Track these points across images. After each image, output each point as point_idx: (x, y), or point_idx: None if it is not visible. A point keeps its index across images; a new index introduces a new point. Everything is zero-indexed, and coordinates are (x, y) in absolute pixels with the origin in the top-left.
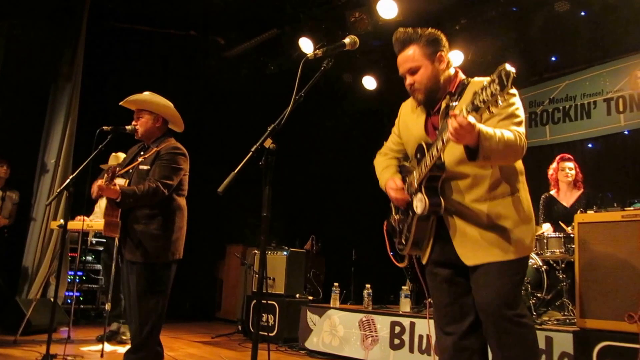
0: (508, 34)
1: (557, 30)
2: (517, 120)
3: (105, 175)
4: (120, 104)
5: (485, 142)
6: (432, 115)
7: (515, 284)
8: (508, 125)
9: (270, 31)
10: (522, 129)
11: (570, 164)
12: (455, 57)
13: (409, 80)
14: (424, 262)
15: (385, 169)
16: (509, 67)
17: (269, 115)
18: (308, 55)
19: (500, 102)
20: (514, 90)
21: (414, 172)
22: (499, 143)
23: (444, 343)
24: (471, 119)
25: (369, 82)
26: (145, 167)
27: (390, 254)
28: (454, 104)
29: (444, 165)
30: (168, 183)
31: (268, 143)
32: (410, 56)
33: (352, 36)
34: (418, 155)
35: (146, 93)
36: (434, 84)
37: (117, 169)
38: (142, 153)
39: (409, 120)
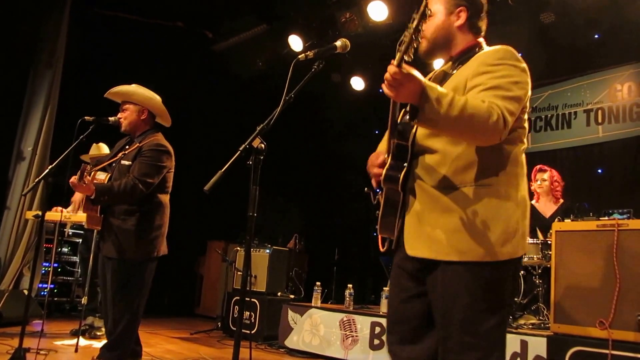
0: (494, 41)
1: (542, 41)
2: (505, 94)
3: (79, 172)
4: (104, 95)
5: (427, 101)
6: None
7: (480, 299)
8: (489, 96)
9: (259, 27)
10: (510, 105)
11: (545, 175)
12: (441, 62)
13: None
14: (393, 247)
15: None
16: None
17: (255, 111)
18: (299, 57)
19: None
20: (515, 62)
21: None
22: (453, 108)
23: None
24: (410, 69)
25: (357, 83)
26: (126, 163)
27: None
28: (453, 71)
29: (405, 133)
30: (148, 181)
31: (256, 143)
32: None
33: (344, 39)
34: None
35: (132, 85)
36: (442, 37)
37: (89, 167)
38: (127, 147)
39: None
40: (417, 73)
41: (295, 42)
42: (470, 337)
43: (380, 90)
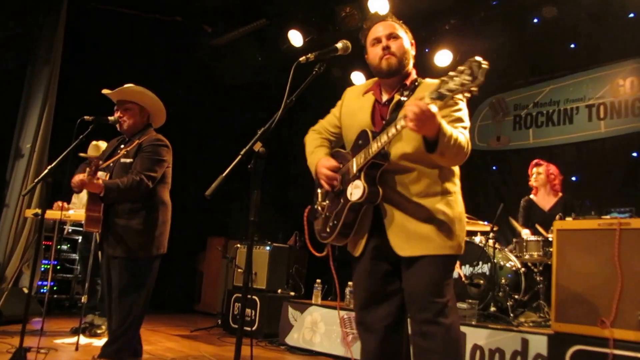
0: (496, 36)
1: (544, 35)
2: (465, 125)
3: (88, 169)
4: (109, 93)
5: (444, 136)
6: (382, 106)
7: (447, 278)
8: (457, 128)
9: (259, 21)
10: (468, 135)
11: (540, 169)
12: (444, 57)
13: (385, 43)
14: (356, 254)
15: (318, 147)
16: (480, 59)
17: (254, 106)
18: (300, 60)
19: (467, 93)
20: (460, 96)
21: (354, 158)
22: (455, 141)
23: (368, 344)
24: (434, 107)
25: (358, 78)
26: (127, 160)
27: (309, 242)
28: (403, 99)
29: (388, 155)
30: (152, 175)
31: (257, 147)
32: (393, 26)
33: (345, 41)
34: (360, 142)
35: (130, 85)
36: (405, 59)
37: (100, 162)
38: (122, 146)
39: (355, 106)
40: (435, 109)
41: (295, 37)
42: (438, 297)
43: None
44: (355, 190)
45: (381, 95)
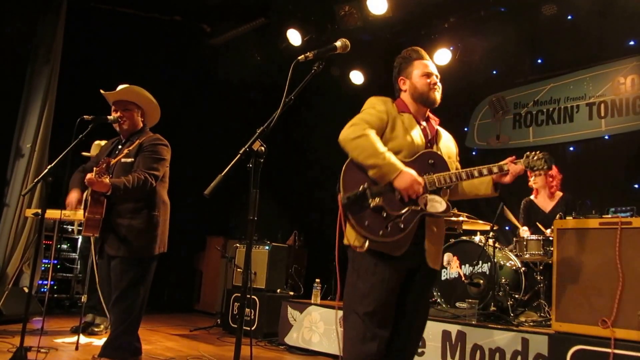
0: (496, 34)
1: (544, 33)
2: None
3: (96, 168)
4: (108, 94)
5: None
6: (426, 133)
7: None
8: None
9: (257, 20)
10: None
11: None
12: (443, 56)
13: (436, 80)
14: (397, 254)
15: (389, 152)
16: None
17: (253, 105)
18: (299, 58)
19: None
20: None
21: (434, 175)
22: None
23: (370, 347)
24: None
25: (357, 77)
26: (128, 160)
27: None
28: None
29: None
30: (155, 174)
31: (256, 146)
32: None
33: (344, 39)
34: (431, 161)
35: (127, 85)
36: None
37: (111, 160)
38: (120, 147)
39: (405, 123)
40: None
41: (294, 36)
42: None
43: None
44: (439, 204)
45: (419, 122)
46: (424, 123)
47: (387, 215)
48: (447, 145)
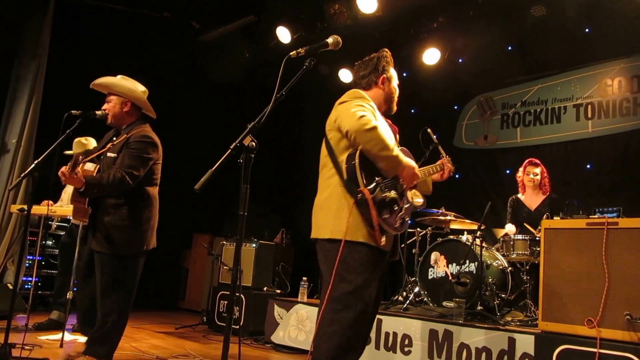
0: (485, 34)
1: (533, 34)
2: None
3: (69, 163)
4: (90, 86)
5: None
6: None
7: None
8: None
9: (247, 17)
10: None
11: (537, 169)
12: (432, 55)
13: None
14: (388, 249)
15: (395, 146)
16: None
17: (242, 101)
18: (290, 54)
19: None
20: None
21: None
22: None
23: (365, 328)
24: None
25: (346, 75)
26: (112, 155)
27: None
28: None
29: None
30: (134, 173)
31: (247, 141)
32: None
33: (336, 36)
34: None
35: (117, 76)
36: None
37: (80, 157)
38: (114, 139)
39: (381, 119)
40: None
41: (283, 34)
42: None
43: None
44: (416, 198)
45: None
46: None
47: (397, 208)
48: None
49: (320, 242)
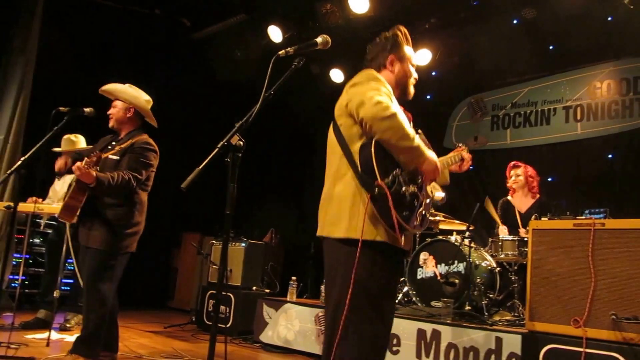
0: (476, 36)
1: (523, 36)
2: None
3: (87, 159)
4: (99, 91)
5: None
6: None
7: None
8: None
9: (238, 16)
10: None
11: (519, 171)
12: (423, 56)
13: (415, 77)
14: (407, 248)
15: (416, 137)
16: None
17: (232, 100)
18: (279, 53)
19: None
20: None
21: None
22: None
23: (381, 332)
24: None
25: (337, 75)
26: (114, 158)
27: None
28: None
29: None
30: (138, 176)
31: (235, 140)
32: None
33: (325, 36)
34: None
35: (126, 85)
36: None
37: (102, 155)
38: (113, 143)
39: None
40: None
41: (275, 33)
42: None
43: None
44: (441, 193)
45: None
46: None
47: (418, 203)
48: None
49: (331, 242)
